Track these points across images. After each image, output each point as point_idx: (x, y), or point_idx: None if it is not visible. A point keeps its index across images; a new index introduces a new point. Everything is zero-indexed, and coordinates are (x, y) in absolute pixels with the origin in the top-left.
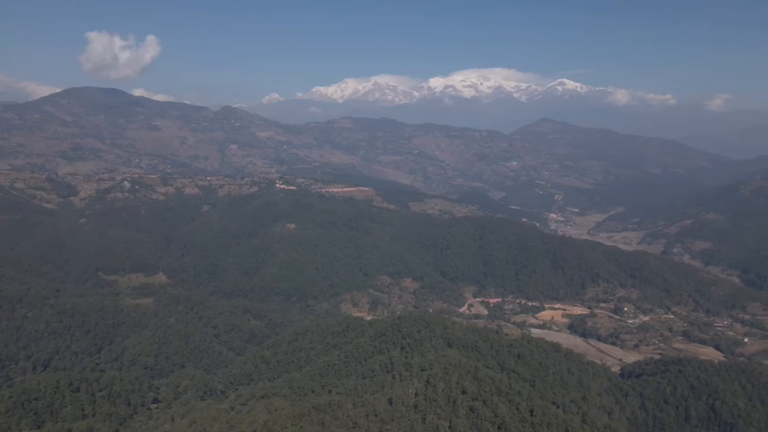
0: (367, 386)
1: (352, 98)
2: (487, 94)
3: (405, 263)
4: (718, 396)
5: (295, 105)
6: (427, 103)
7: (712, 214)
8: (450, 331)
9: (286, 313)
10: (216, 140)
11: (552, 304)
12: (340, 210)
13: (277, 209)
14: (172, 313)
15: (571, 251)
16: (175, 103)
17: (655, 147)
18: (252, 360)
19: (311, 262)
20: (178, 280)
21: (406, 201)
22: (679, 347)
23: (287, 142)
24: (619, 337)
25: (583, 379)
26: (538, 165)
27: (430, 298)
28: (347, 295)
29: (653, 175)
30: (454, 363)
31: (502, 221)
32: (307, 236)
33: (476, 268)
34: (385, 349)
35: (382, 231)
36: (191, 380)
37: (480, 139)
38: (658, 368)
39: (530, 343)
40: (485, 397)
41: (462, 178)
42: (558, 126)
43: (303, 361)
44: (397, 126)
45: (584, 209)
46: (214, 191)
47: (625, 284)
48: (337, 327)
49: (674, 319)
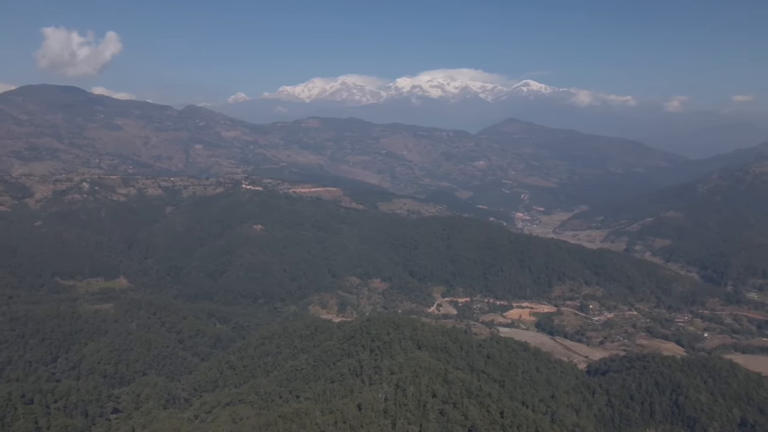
0: (335, 391)
1: (320, 98)
2: (454, 95)
3: (373, 264)
4: (682, 391)
5: (261, 104)
6: (394, 103)
7: (672, 213)
8: (419, 332)
9: (252, 316)
10: (180, 140)
11: (520, 303)
12: (308, 210)
13: (244, 210)
14: (133, 318)
15: (537, 250)
16: (137, 101)
17: (616, 147)
18: (217, 366)
19: (278, 263)
20: (140, 284)
21: (374, 201)
22: (642, 343)
23: (254, 142)
24: (585, 334)
25: (551, 378)
26: (505, 165)
27: (398, 299)
28: (315, 297)
29: (615, 175)
30: (424, 366)
31: (469, 221)
32: (274, 237)
33: (445, 267)
34: (354, 352)
35: (350, 231)
36: (153, 388)
37: (447, 139)
38: (623, 365)
39: (499, 343)
40: (455, 400)
41: (430, 177)
42: (523, 126)
43: (270, 366)
44: (364, 126)
45: (550, 208)
46: (178, 192)
47: (590, 282)
48: (305, 330)
49: (637, 316)
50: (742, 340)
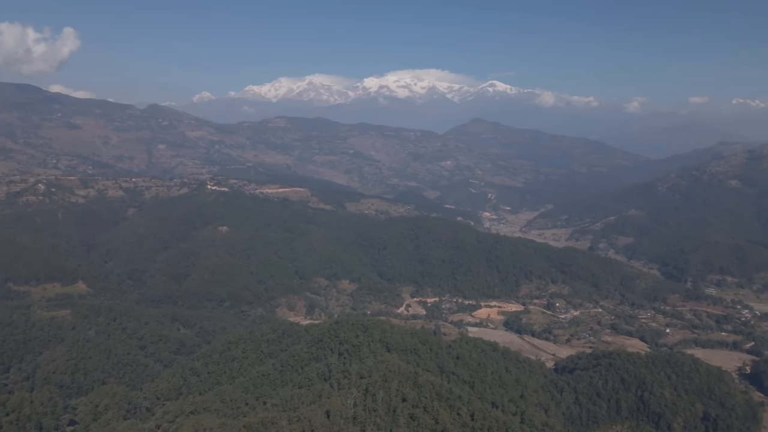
0: (303, 396)
1: (287, 98)
2: (421, 95)
3: (342, 264)
4: (646, 387)
5: (227, 104)
6: (362, 103)
7: (634, 211)
8: (388, 334)
9: (218, 320)
10: (142, 140)
11: (488, 302)
12: (275, 211)
13: (209, 211)
14: (92, 325)
15: (505, 249)
16: (96, 100)
17: (580, 147)
18: (181, 372)
19: (245, 265)
20: (100, 288)
21: (342, 201)
22: (607, 340)
23: (219, 141)
24: (552, 332)
25: (520, 377)
26: (472, 164)
27: (367, 300)
28: (283, 299)
29: (579, 174)
30: (394, 369)
31: (437, 221)
32: (241, 239)
33: (413, 267)
34: (322, 355)
35: (318, 232)
36: (112, 398)
37: (415, 139)
38: (590, 362)
39: (468, 343)
40: (426, 404)
41: (398, 177)
42: (490, 126)
43: (236, 372)
44: (332, 126)
45: (516, 207)
46: (140, 193)
47: (556, 280)
48: (272, 334)
49: (602, 313)
50: (702, 335)
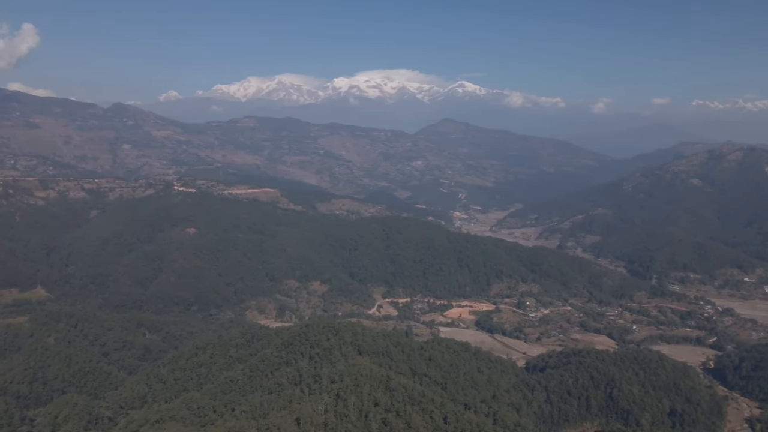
0: (273, 402)
1: (256, 97)
2: (391, 95)
3: (313, 266)
4: (615, 384)
5: (195, 103)
6: (332, 102)
7: (601, 210)
8: (360, 337)
9: (186, 324)
10: (106, 140)
11: (459, 302)
12: (244, 212)
13: (176, 213)
14: (51, 332)
15: (475, 249)
16: (57, 99)
17: (548, 147)
18: (146, 379)
19: (213, 268)
20: (60, 294)
21: (313, 202)
22: (576, 337)
23: (187, 141)
24: (523, 331)
25: (492, 377)
26: (442, 164)
27: (339, 301)
28: (253, 302)
29: (547, 174)
30: (366, 373)
31: (408, 221)
32: (209, 241)
33: (385, 268)
34: (292, 359)
35: (288, 233)
36: (73, 408)
37: (385, 139)
38: (560, 361)
39: (441, 344)
40: (398, 408)
41: (368, 177)
42: (460, 126)
43: (204, 378)
44: (302, 125)
45: (486, 207)
46: (103, 195)
47: (526, 279)
48: (241, 338)
49: (571, 311)
50: (667, 331)
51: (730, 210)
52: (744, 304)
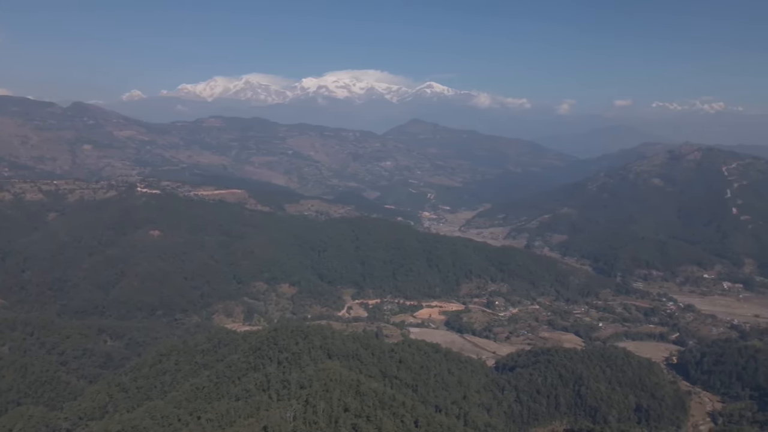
0: (240, 410)
1: (223, 97)
2: (360, 95)
3: (281, 268)
4: (583, 382)
5: (159, 103)
6: (300, 103)
7: (566, 209)
8: (329, 340)
9: (150, 330)
10: (65, 140)
11: (429, 302)
12: (211, 214)
13: (139, 215)
14: (6, 340)
15: (445, 249)
16: (13, 97)
17: (515, 147)
18: (106, 388)
19: (179, 271)
20: (15, 300)
21: (281, 203)
22: (545, 336)
23: (151, 142)
24: (492, 330)
25: (462, 378)
26: (411, 165)
27: (308, 303)
28: (220, 305)
29: (514, 173)
30: (335, 378)
31: (378, 221)
32: (174, 243)
33: (354, 269)
34: (260, 365)
35: (256, 235)
36: (28, 420)
37: (354, 139)
38: (529, 360)
39: (411, 346)
40: (369, 413)
41: (337, 178)
42: (428, 127)
43: (168, 386)
44: (270, 126)
45: (455, 207)
46: (62, 197)
47: (495, 278)
48: (208, 344)
49: (539, 309)
50: (632, 328)
51: (690, 209)
52: (704, 300)
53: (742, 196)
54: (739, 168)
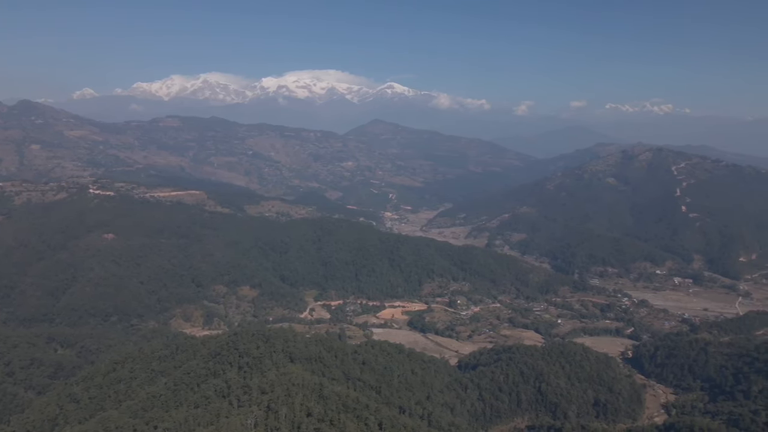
0: (200, 418)
1: (180, 96)
2: (321, 95)
3: (242, 270)
4: (544, 378)
5: (113, 102)
6: (260, 103)
7: (525, 208)
8: (291, 344)
9: (103, 337)
10: (12, 139)
11: (392, 302)
12: (168, 216)
13: (92, 218)
14: None
15: (407, 249)
16: None
17: (475, 147)
18: (56, 399)
19: (134, 275)
20: None
21: (241, 204)
22: (506, 333)
23: (104, 142)
24: (455, 330)
25: (426, 378)
26: (372, 165)
27: (269, 306)
28: (178, 310)
29: (475, 174)
30: (298, 382)
31: (340, 222)
32: (129, 247)
33: (316, 270)
34: (220, 370)
35: (215, 237)
36: None
37: (315, 139)
38: (491, 358)
39: (374, 347)
40: (332, 417)
41: (299, 178)
42: (389, 127)
43: (123, 395)
44: (229, 126)
45: (416, 207)
46: (8, 199)
47: (457, 278)
48: (165, 350)
49: (501, 308)
50: (589, 324)
51: (642, 207)
52: (657, 295)
53: (690, 194)
54: (688, 167)
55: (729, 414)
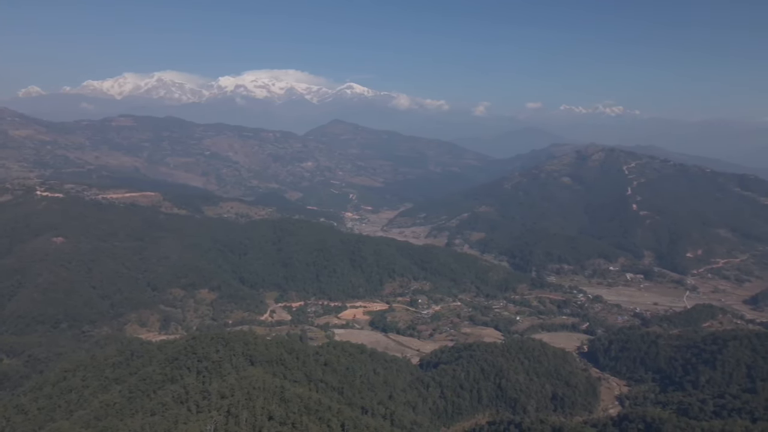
0: (156, 425)
1: (133, 95)
2: (280, 95)
3: (200, 273)
4: (503, 375)
5: (61, 100)
6: (217, 102)
7: (484, 208)
8: (252, 346)
9: (52, 345)
10: None
11: (353, 303)
12: (122, 219)
13: (39, 221)
14: None
15: (368, 249)
16: None
17: (434, 148)
18: (3, 411)
19: (86, 280)
20: None
21: (199, 205)
22: (466, 331)
23: (52, 142)
24: (416, 328)
25: (388, 378)
26: (332, 165)
27: (229, 309)
28: (133, 315)
29: (434, 174)
30: (258, 386)
31: (300, 222)
32: (80, 251)
33: (277, 272)
34: (178, 376)
35: (172, 239)
36: None
37: (274, 139)
38: (452, 356)
39: (336, 348)
40: (294, 420)
41: (258, 179)
42: (349, 127)
43: (74, 405)
44: (185, 125)
45: (377, 207)
46: None
47: (418, 277)
48: (119, 356)
49: (461, 306)
50: (547, 320)
51: (596, 205)
52: (610, 291)
53: (641, 193)
54: (638, 167)
55: (679, 404)
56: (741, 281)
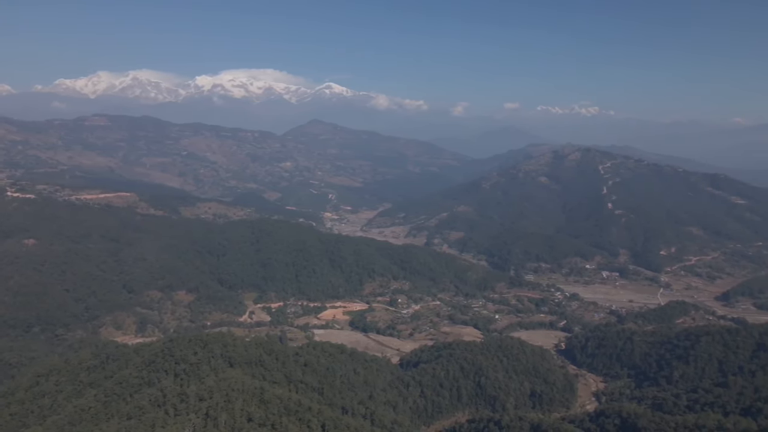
0: (133, 429)
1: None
2: (258, 95)
3: (177, 274)
4: (483, 373)
5: (32, 99)
6: (194, 102)
7: (463, 207)
8: (230, 348)
9: (24, 349)
10: None
11: (333, 303)
12: (96, 220)
13: (10, 222)
14: None
15: (347, 249)
16: None
17: (413, 148)
18: None
19: (59, 283)
20: None
21: (176, 206)
22: (446, 330)
23: (23, 141)
24: (396, 328)
25: (368, 378)
26: (311, 165)
27: (207, 310)
28: (108, 318)
29: (414, 174)
30: (237, 387)
31: (279, 223)
32: (53, 253)
33: (256, 273)
34: (155, 379)
35: (148, 240)
36: None
37: (253, 139)
38: (432, 355)
39: (316, 348)
40: (274, 421)
41: (236, 179)
42: (328, 127)
43: (48, 410)
44: (162, 125)
45: (356, 207)
46: None
47: (397, 277)
48: (94, 360)
49: (440, 305)
50: (525, 318)
51: (573, 204)
52: (587, 289)
53: (616, 192)
54: (613, 167)
55: (654, 399)
56: (712, 278)
